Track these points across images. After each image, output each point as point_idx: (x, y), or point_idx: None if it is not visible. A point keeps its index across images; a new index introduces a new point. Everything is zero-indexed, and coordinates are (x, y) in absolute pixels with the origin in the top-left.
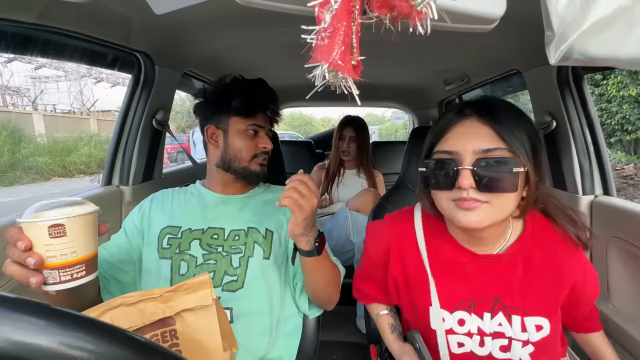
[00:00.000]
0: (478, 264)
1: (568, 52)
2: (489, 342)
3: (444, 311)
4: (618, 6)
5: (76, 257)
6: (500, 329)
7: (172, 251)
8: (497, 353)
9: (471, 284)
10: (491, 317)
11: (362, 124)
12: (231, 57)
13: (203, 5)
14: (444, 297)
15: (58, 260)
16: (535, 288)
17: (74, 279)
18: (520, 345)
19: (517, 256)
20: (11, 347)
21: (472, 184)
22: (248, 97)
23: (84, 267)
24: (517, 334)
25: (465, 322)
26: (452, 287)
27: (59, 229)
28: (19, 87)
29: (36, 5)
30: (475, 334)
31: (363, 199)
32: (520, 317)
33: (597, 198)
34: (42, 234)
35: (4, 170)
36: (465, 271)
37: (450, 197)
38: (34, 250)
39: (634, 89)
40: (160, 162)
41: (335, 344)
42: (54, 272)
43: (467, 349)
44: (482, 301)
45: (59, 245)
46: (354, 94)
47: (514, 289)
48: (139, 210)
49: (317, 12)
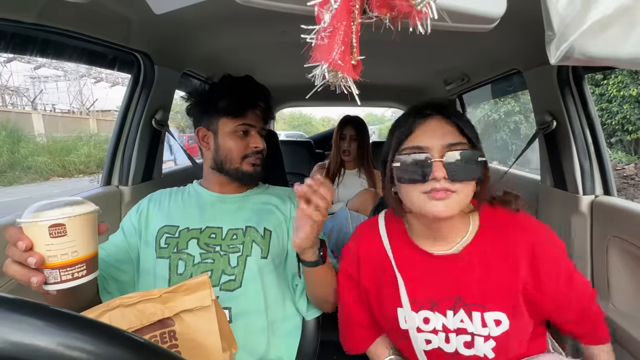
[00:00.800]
0: (438, 266)
1: (568, 51)
2: (454, 338)
3: (410, 311)
4: (619, 5)
5: (77, 256)
6: (462, 325)
7: (170, 250)
8: (463, 350)
9: (433, 284)
10: (453, 314)
11: (362, 124)
12: (231, 57)
13: (202, 4)
14: (409, 297)
15: (59, 259)
16: (492, 284)
17: (75, 278)
18: (482, 341)
19: (473, 256)
20: (10, 348)
21: (444, 175)
22: (235, 96)
23: (85, 267)
24: (478, 329)
25: (430, 320)
26: (415, 288)
27: (60, 228)
28: (18, 87)
29: (36, 5)
30: (440, 330)
31: (363, 199)
32: (480, 312)
33: (598, 198)
34: (42, 233)
35: (3, 170)
36: (426, 273)
37: (422, 189)
38: (34, 250)
39: (634, 89)
40: (160, 162)
41: (335, 344)
42: (54, 272)
43: (434, 345)
44: (443, 299)
45: (59, 245)
46: (354, 93)
47: (472, 287)
48: (137, 210)
49: (316, 12)
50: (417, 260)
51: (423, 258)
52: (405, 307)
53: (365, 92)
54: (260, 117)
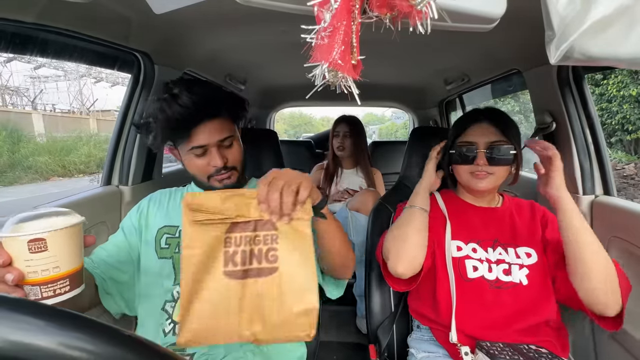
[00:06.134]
0: (481, 215)
1: (568, 51)
2: (495, 268)
3: (460, 242)
4: (619, 5)
5: (59, 272)
6: (500, 257)
7: (172, 251)
8: (502, 276)
9: (477, 228)
10: (493, 250)
11: (356, 121)
12: (231, 57)
13: (202, 4)
14: (460, 234)
15: (39, 275)
16: (519, 231)
17: (57, 295)
18: (518, 268)
19: (505, 212)
20: (10, 348)
21: (485, 162)
22: (172, 118)
23: (68, 282)
24: (513, 259)
25: (477, 251)
26: (464, 228)
27: (40, 243)
28: (19, 87)
29: (36, 5)
30: (485, 260)
31: (363, 198)
32: (513, 248)
33: (598, 198)
34: (21, 249)
35: (4, 170)
36: (473, 219)
37: (469, 170)
38: (14, 265)
39: (634, 89)
40: (160, 162)
41: (335, 344)
42: (35, 288)
43: (480, 273)
44: (485, 240)
45: (39, 261)
46: (354, 93)
47: (506, 231)
48: (137, 210)
49: (316, 12)
50: (466, 210)
51: (471, 208)
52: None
53: (365, 92)
54: (214, 130)
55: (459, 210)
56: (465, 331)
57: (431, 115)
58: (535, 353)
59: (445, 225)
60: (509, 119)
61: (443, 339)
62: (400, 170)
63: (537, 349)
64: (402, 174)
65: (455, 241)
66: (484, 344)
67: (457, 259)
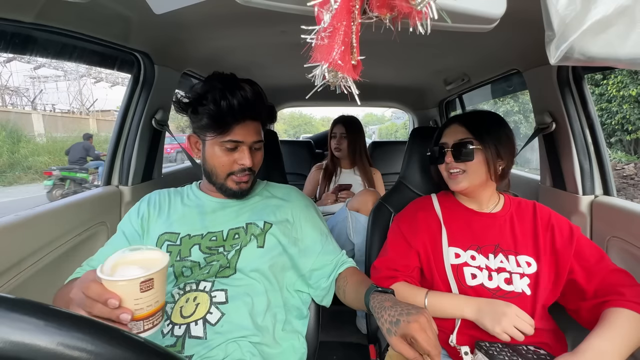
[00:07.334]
0: (480, 220)
1: (568, 52)
2: (495, 276)
3: (458, 249)
4: (619, 5)
5: (158, 305)
6: (502, 265)
7: (173, 259)
8: (503, 285)
9: (477, 233)
10: (494, 257)
11: (353, 121)
12: (231, 57)
13: (202, 4)
14: (457, 240)
15: (145, 311)
16: (520, 237)
17: (154, 326)
18: (519, 277)
19: (506, 216)
20: (10, 348)
21: (452, 159)
22: (218, 109)
23: (161, 313)
24: (514, 268)
25: (476, 259)
26: (463, 234)
27: (149, 283)
28: (18, 87)
29: (35, 5)
30: (484, 268)
31: (363, 199)
32: (514, 256)
33: (597, 198)
34: (133, 289)
35: (3, 170)
36: (472, 225)
37: (444, 169)
38: (123, 305)
39: (634, 89)
40: (160, 162)
41: (335, 344)
42: (139, 323)
43: (479, 280)
44: (486, 246)
45: (147, 298)
46: (354, 93)
47: (507, 237)
48: (138, 214)
49: (316, 12)
50: (465, 215)
51: (470, 213)
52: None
53: (365, 92)
54: (252, 131)
55: (457, 215)
56: (465, 331)
57: (431, 115)
58: (533, 354)
59: (441, 230)
60: (484, 119)
61: (442, 339)
62: (400, 170)
63: (536, 349)
64: (402, 174)
65: (452, 248)
66: (483, 344)
67: (456, 266)
